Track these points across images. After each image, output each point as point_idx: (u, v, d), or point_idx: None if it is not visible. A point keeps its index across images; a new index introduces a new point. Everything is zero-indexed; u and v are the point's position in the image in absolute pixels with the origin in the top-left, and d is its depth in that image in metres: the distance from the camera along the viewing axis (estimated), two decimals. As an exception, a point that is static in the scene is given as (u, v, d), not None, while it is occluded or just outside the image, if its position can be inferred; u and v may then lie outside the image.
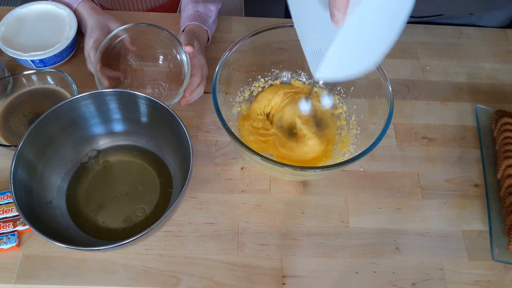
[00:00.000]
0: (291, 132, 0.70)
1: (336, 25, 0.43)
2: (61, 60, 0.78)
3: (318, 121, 0.71)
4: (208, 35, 0.79)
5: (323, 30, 0.45)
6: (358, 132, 0.68)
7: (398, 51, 0.86)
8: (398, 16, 0.45)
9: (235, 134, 0.59)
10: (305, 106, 0.63)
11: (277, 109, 0.72)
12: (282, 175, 0.66)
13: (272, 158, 0.65)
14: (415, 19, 0.91)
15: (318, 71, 0.48)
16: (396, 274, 0.63)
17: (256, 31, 0.66)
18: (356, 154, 0.58)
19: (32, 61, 0.75)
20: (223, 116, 0.60)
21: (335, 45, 0.44)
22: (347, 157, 0.67)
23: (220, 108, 0.61)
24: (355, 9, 0.41)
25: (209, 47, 0.84)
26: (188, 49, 0.68)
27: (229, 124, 0.61)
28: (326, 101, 0.64)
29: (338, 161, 0.66)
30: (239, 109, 0.72)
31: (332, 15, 0.42)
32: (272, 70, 0.74)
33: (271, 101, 0.72)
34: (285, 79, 0.75)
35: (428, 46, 0.87)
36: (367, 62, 0.49)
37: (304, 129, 0.69)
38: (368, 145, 0.59)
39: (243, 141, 0.58)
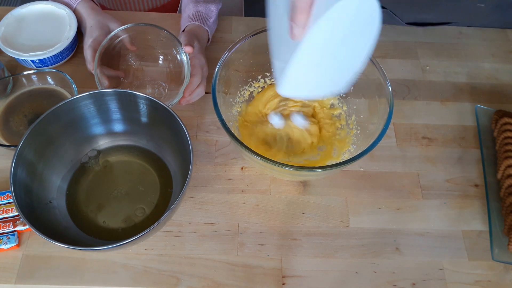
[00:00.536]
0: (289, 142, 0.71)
1: (294, 40, 0.40)
2: (61, 60, 0.78)
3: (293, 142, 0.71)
4: (208, 35, 0.79)
5: (286, 45, 0.43)
6: (358, 132, 0.68)
7: (398, 51, 0.86)
8: (365, 37, 0.42)
9: (235, 134, 0.59)
10: (277, 123, 0.65)
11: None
12: (281, 175, 0.66)
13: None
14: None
15: (280, 87, 0.47)
16: (396, 274, 0.63)
17: (256, 31, 0.66)
18: (356, 154, 0.58)
19: (32, 61, 0.75)
20: (223, 116, 0.60)
21: (294, 61, 0.43)
22: (347, 157, 0.67)
23: (219, 108, 0.61)
24: (314, 24, 0.39)
25: (209, 47, 0.83)
26: (188, 49, 0.68)
27: (229, 124, 0.61)
28: (299, 121, 0.64)
29: (338, 161, 0.66)
30: (239, 109, 0.72)
31: (290, 29, 0.40)
32: (272, 70, 0.74)
33: (268, 104, 0.72)
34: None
35: (428, 46, 0.87)
36: (330, 85, 0.47)
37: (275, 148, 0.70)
38: (368, 145, 0.59)
39: (242, 141, 0.58)
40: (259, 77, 0.74)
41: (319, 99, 0.49)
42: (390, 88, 0.62)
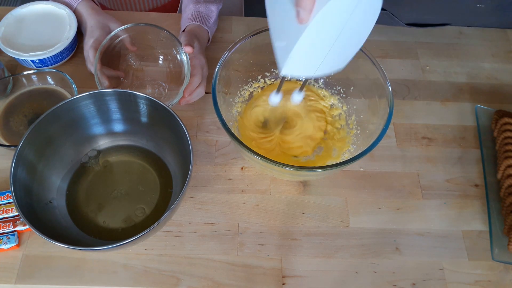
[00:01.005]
0: (284, 125, 0.71)
1: (301, 24, 0.43)
2: (61, 60, 0.78)
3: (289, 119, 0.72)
4: (208, 35, 0.80)
5: (290, 28, 0.46)
6: (358, 132, 0.68)
7: (398, 51, 0.86)
8: (366, 20, 0.45)
9: (235, 134, 0.59)
10: (274, 99, 0.64)
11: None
12: (281, 175, 0.66)
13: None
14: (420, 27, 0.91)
15: (283, 67, 0.49)
16: (396, 274, 0.63)
17: (256, 31, 0.66)
18: (356, 154, 0.58)
19: (32, 61, 0.75)
20: (223, 116, 0.60)
21: (300, 43, 0.45)
22: (347, 157, 0.67)
23: (220, 108, 0.61)
24: (320, 9, 0.41)
25: (209, 47, 0.83)
26: (188, 49, 0.68)
27: (229, 124, 0.61)
28: (296, 97, 0.64)
29: (338, 161, 0.66)
30: (239, 109, 0.72)
31: (297, 13, 0.42)
32: (272, 70, 0.74)
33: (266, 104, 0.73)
34: (286, 79, 0.75)
35: (428, 46, 0.87)
36: (333, 62, 0.49)
37: (272, 127, 0.70)
38: (368, 145, 0.59)
39: (242, 141, 0.58)
40: (259, 77, 0.74)
41: (320, 77, 0.51)
42: (390, 88, 0.62)
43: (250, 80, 0.74)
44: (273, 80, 0.75)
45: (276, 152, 0.69)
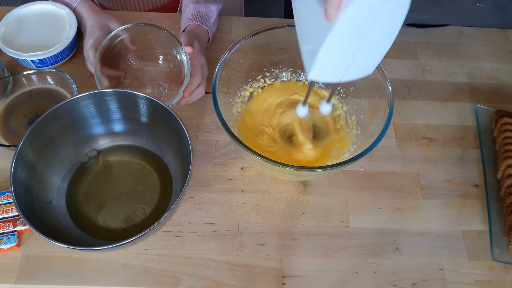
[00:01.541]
0: (289, 139, 0.70)
1: (328, 21, 0.42)
2: (61, 60, 0.78)
3: (316, 130, 0.71)
4: (208, 35, 0.80)
5: (318, 28, 0.45)
6: (358, 132, 0.68)
7: (398, 51, 0.86)
8: (394, 19, 0.44)
9: (235, 134, 0.59)
10: (302, 111, 0.62)
11: (275, 113, 0.72)
12: (281, 175, 0.66)
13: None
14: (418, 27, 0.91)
15: (311, 72, 0.48)
16: (396, 274, 0.63)
17: (255, 31, 0.66)
18: (356, 154, 0.58)
19: (32, 61, 0.75)
20: (223, 116, 0.60)
21: (327, 43, 0.44)
22: (347, 157, 0.67)
23: (220, 108, 0.61)
24: (348, 5, 0.41)
25: (209, 47, 0.83)
26: (188, 49, 0.68)
27: (229, 124, 0.61)
28: (325, 108, 0.62)
29: (338, 161, 0.66)
30: (239, 109, 0.72)
31: (325, 11, 0.42)
32: (272, 70, 0.74)
33: (268, 104, 0.72)
34: (285, 79, 0.75)
35: (428, 46, 0.87)
36: (361, 66, 0.48)
37: (301, 136, 0.69)
38: (368, 145, 0.59)
39: (242, 141, 0.58)
40: (259, 77, 0.74)
41: (352, 80, 0.50)
42: (390, 89, 0.62)
43: (250, 80, 0.74)
44: (273, 80, 0.75)
45: (278, 154, 0.69)
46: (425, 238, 0.66)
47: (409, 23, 0.85)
